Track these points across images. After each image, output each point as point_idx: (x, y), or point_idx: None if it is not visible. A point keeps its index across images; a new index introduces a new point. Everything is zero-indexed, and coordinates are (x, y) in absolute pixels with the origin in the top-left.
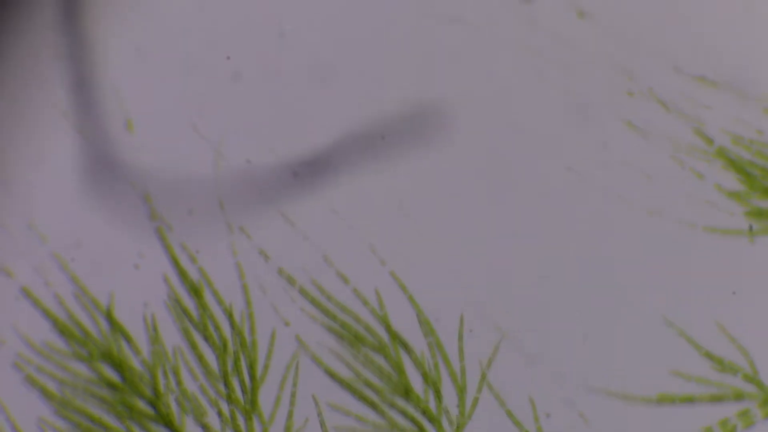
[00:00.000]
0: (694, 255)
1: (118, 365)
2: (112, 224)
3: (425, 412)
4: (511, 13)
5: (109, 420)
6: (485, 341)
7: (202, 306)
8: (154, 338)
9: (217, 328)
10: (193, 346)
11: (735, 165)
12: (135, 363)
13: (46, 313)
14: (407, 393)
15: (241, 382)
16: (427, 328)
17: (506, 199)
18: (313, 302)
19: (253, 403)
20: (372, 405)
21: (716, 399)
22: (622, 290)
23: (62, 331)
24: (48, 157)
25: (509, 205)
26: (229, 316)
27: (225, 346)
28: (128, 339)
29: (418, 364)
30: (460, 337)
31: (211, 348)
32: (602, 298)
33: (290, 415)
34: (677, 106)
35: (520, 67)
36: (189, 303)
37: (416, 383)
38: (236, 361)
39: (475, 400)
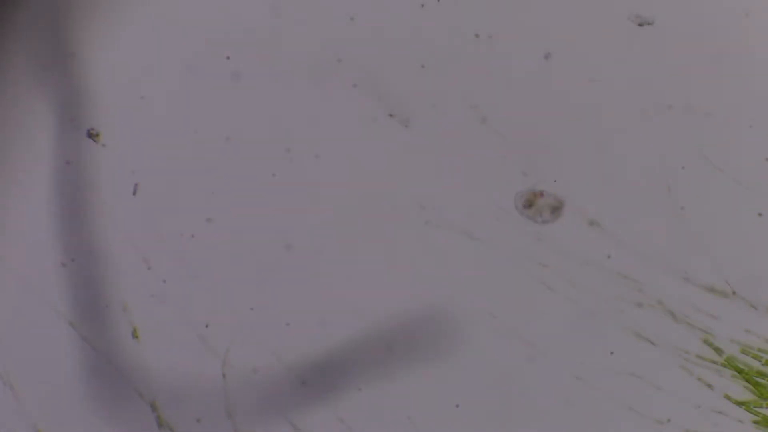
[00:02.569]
0: None
1: None
2: None
3: None
4: (519, 227)
5: None
6: None
7: None
8: None
9: None
10: None
11: (744, 374)
12: None
13: None
14: None
15: None
16: None
17: (515, 410)
18: None
19: None
20: None
21: None
22: None
23: None
24: (54, 365)
25: (518, 417)
26: None
27: None
28: None
29: None
30: None
31: None
32: None
33: None
34: (686, 315)
35: (528, 279)
36: None
37: None
38: None
39: None
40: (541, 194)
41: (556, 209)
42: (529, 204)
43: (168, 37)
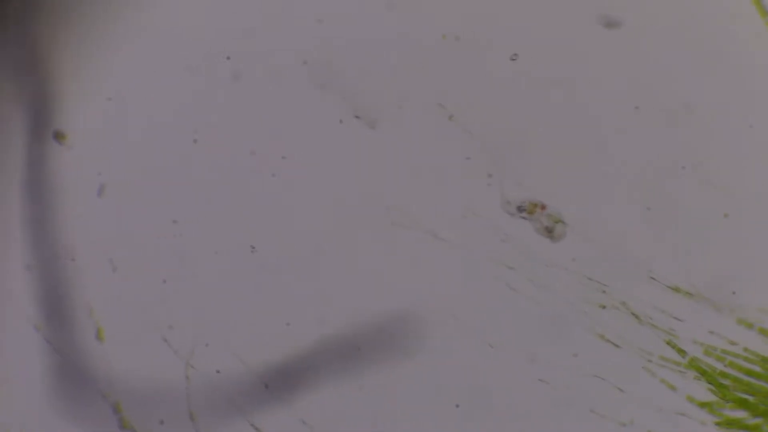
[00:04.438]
0: None
1: None
2: None
3: None
4: (485, 228)
5: None
6: None
7: None
8: None
9: None
10: None
11: (707, 376)
12: None
13: None
14: None
15: None
16: None
17: (478, 411)
18: None
19: None
20: None
21: None
22: None
23: None
24: (18, 367)
25: (482, 418)
26: None
27: None
28: None
29: None
30: None
31: None
32: None
33: None
34: (650, 317)
35: (493, 281)
36: None
37: None
38: None
39: None
40: (543, 207)
41: (550, 230)
42: (526, 210)
43: (132, 40)
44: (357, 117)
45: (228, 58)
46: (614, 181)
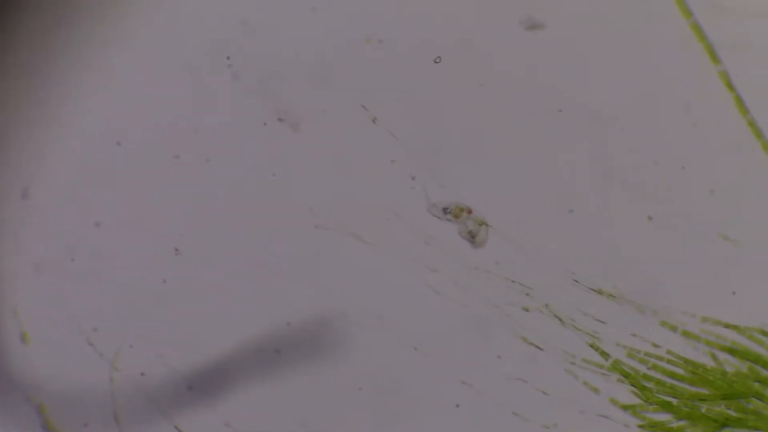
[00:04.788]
0: None
1: None
2: None
3: None
4: (408, 230)
5: None
6: None
7: None
8: None
9: None
10: None
11: (630, 378)
12: None
13: None
14: None
15: None
16: None
17: (402, 413)
18: None
19: None
20: None
21: None
22: None
23: None
24: None
25: (405, 420)
26: None
27: None
28: None
29: None
30: None
31: None
32: None
33: None
34: (573, 320)
35: (416, 283)
36: None
37: None
38: None
39: None
40: (469, 211)
41: (473, 235)
42: (452, 213)
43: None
44: (280, 120)
45: None
46: (537, 184)
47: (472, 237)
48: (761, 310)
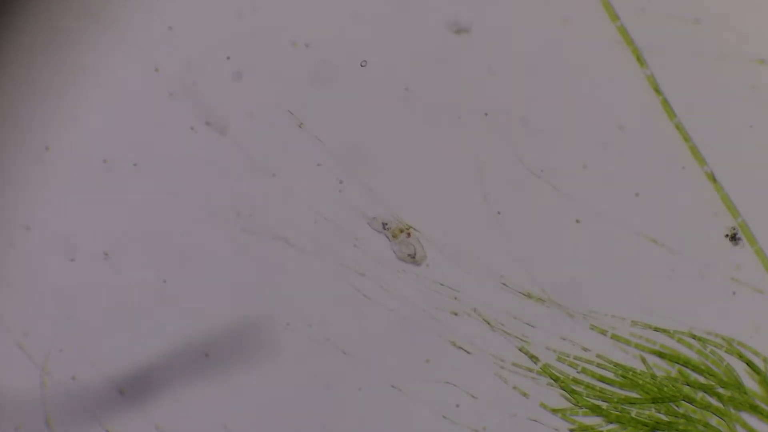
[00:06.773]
0: None
1: None
2: None
3: None
4: (336, 234)
5: None
6: None
7: None
8: None
9: None
10: None
11: (560, 382)
12: None
13: None
14: None
15: None
16: None
17: (331, 418)
18: None
19: None
20: None
21: None
22: None
23: None
24: None
25: (334, 424)
26: None
27: None
28: None
29: None
30: None
31: None
32: None
33: None
34: (502, 323)
35: (344, 287)
36: None
37: None
38: None
39: None
40: (409, 234)
41: (412, 256)
42: (390, 232)
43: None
44: (208, 124)
45: None
46: (464, 187)
47: (412, 258)
48: (690, 314)
